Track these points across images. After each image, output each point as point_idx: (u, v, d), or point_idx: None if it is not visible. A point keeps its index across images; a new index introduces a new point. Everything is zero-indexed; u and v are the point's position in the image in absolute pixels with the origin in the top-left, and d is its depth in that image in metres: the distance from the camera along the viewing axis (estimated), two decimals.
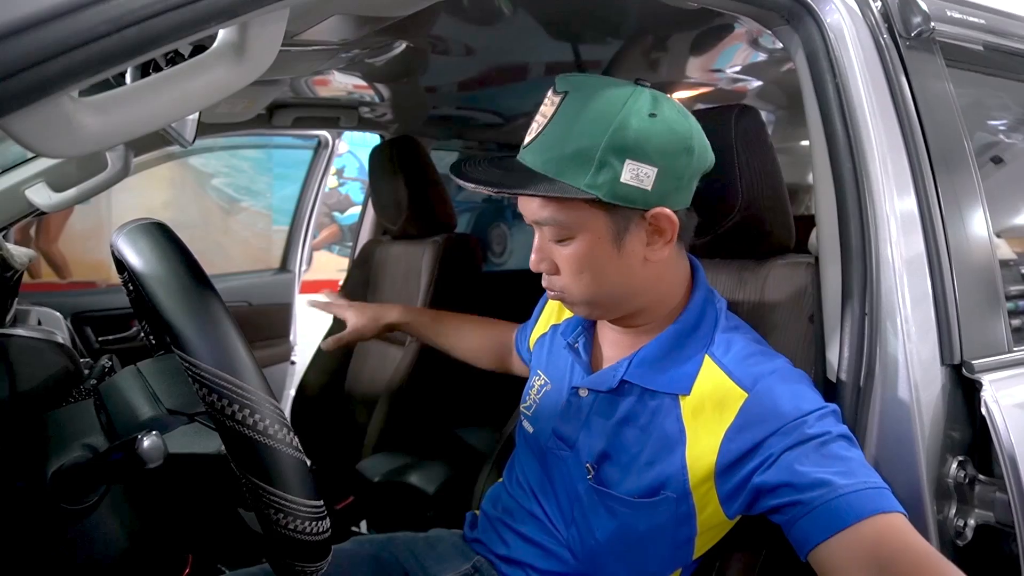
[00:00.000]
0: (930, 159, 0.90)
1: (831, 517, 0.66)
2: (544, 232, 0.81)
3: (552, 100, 0.77)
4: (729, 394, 0.77)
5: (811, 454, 0.70)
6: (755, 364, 0.79)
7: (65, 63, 0.40)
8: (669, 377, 0.83)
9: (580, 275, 0.80)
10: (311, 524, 0.57)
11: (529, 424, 0.98)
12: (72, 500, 0.62)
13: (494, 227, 3.63)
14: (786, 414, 0.73)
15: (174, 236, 0.63)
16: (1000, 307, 0.92)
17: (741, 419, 0.75)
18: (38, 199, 1.41)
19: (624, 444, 0.84)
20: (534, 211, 0.80)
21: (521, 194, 0.77)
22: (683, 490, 0.79)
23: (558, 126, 0.76)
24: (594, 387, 0.88)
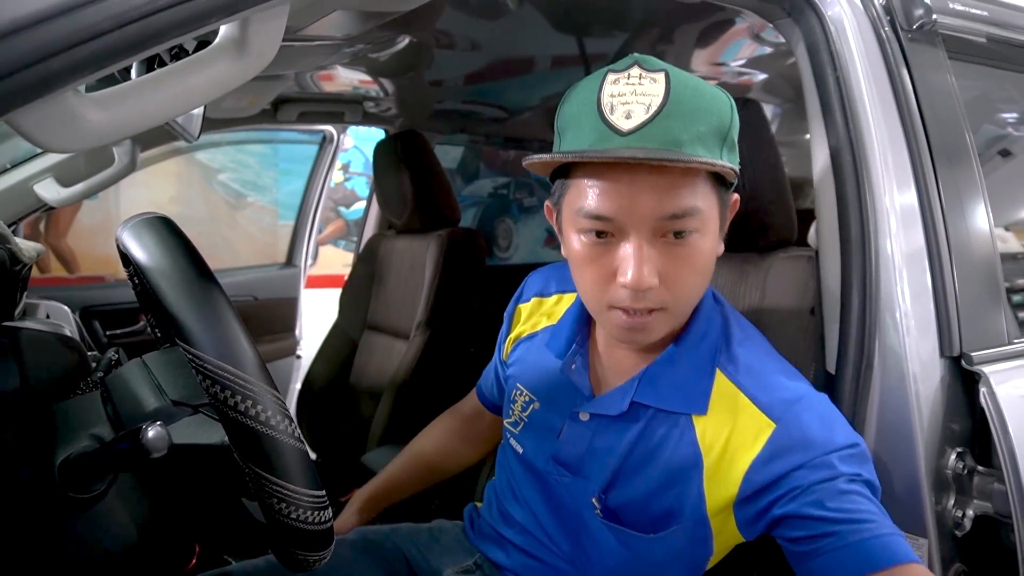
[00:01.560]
0: (931, 152, 0.90)
1: (866, 554, 0.63)
2: (662, 232, 0.69)
3: (652, 77, 0.67)
4: (755, 422, 0.72)
5: (840, 490, 0.66)
6: (780, 388, 0.73)
7: (69, 59, 0.41)
8: (683, 395, 0.76)
9: (690, 278, 0.71)
10: (313, 513, 0.58)
11: (517, 443, 0.90)
12: (79, 489, 0.63)
13: (500, 221, 3.63)
14: (816, 446, 0.69)
15: (177, 230, 0.64)
16: (1000, 299, 0.92)
17: (768, 450, 0.70)
18: (46, 194, 1.43)
19: (634, 473, 0.78)
20: (676, 202, 0.67)
21: (703, 165, 0.65)
22: (700, 516, 0.75)
23: (683, 101, 0.66)
24: (600, 412, 0.81)
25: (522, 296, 0.98)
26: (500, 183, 3.72)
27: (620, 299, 0.70)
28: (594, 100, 0.68)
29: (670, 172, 0.66)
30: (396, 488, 1.10)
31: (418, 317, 1.81)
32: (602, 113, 0.67)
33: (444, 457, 1.13)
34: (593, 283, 0.73)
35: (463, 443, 1.13)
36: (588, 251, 0.71)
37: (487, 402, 1.09)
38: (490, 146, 3.27)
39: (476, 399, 1.12)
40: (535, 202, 3.77)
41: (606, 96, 0.67)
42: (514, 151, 3.61)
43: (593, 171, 0.69)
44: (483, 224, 3.52)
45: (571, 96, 0.72)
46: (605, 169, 0.68)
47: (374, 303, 1.99)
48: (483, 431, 1.12)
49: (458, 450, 1.13)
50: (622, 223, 0.68)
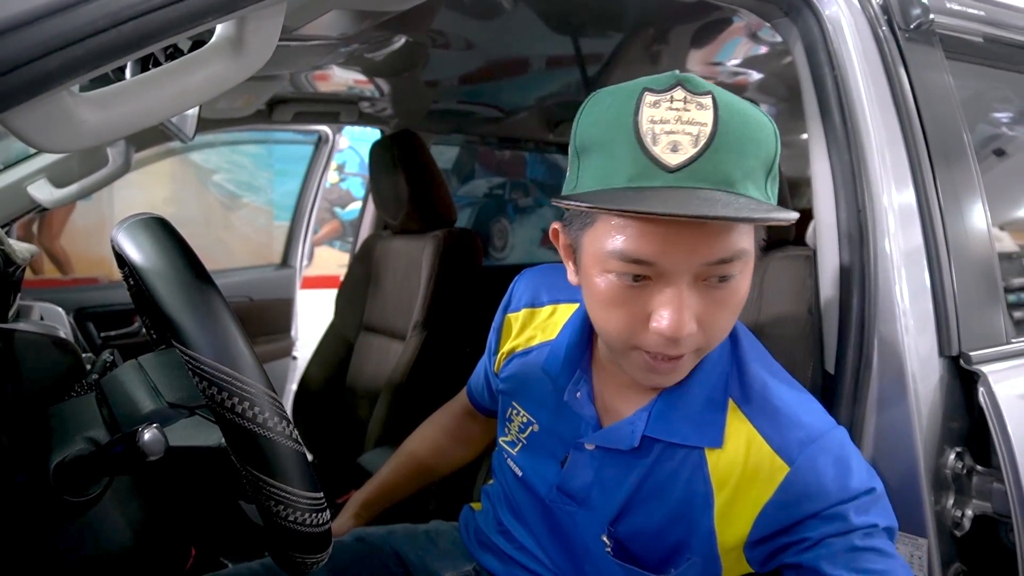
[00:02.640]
0: (929, 152, 0.90)
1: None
2: (704, 277, 0.62)
3: (698, 101, 0.59)
4: (768, 464, 0.68)
5: (855, 547, 0.63)
6: (795, 427, 0.69)
7: (64, 58, 0.40)
8: (696, 428, 0.71)
9: (728, 320, 0.66)
10: (311, 516, 0.58)
11: (516, 466, 0.86)
12: (75, 492, 0.63)
13: (496, 222, 3.63)
14: (831, 496, 0.65)
15: (173, 230, 0.64)
16: (998, 299, 0.92)
17: (781, 495, 0.67)
18: (40, 195, 1.42)
19: (644, 505, 0.74)
20: (725, 247, 0.61)
21: (771, 220, 0.59)
22: (711, 555, 0.72)
23: (732, 131, 0.59)
24: (608, 445, 0.75)
25: (510, 305, 0.92)
26: (495, 183, 3.72)
27: (652, 345, 0.64)
28: (630, 124, 0.59)
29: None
30: (391, 491, 1.09)
31: (415, 318, 1.80)
32: (642, 142, 0.59)
33: (437, 457, 1.10)
34: (621, 326, 0.65)
35: (456, 443, 1.11)
36: (620, 293, 0.64)
37: (478, 405, 1.05)
38: (486, 146, 3.27)
39: (467, 400, 1.08)
40: (530, 202, 3.76)
41: (645, 121, 0.59)
42: (510, 151, 3.61)
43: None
44: (478, 224, 3.52)
45: (597, 112, 0.64)
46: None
47: (370, 304, 1.98)
48: (475, 431, 1.11)
49: (451, 450, 1.11)
50: (663, 268, 0.61)
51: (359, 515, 1.05)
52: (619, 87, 0.63)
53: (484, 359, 1.00)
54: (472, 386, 1.06)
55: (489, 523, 0.93)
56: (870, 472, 0.68)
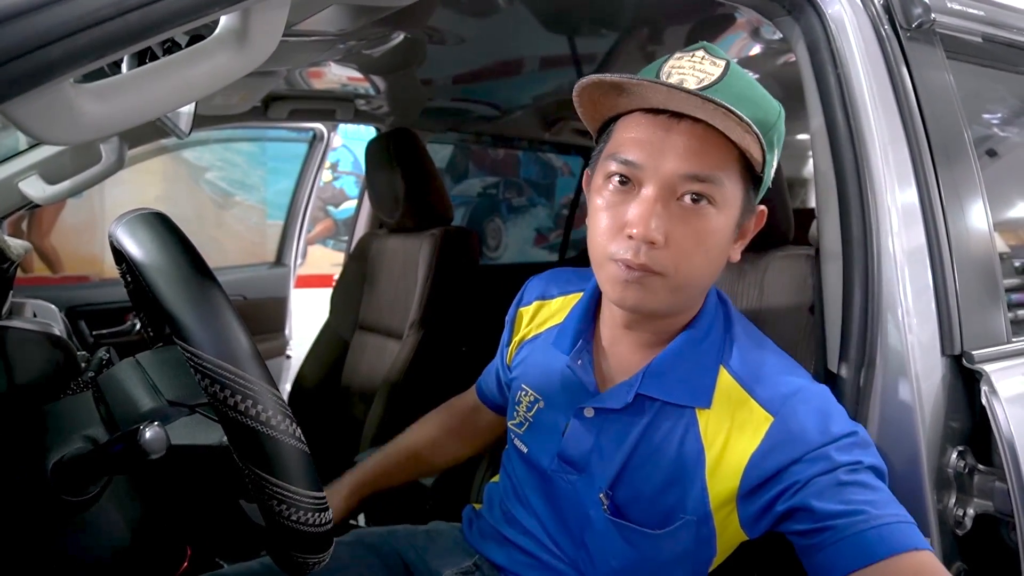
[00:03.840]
0: (931, 151, 0.90)
1: (864, 547, 0.63)
2: (679, 194, 0.70)
3: (713, 60, 0.71)
4: (753, 416, 0.73)
5: (840, 481, 0.67)
6: (778, 383, 0.75)
7: (67, 47, 0.39)
8: (688, 388, 0.77)
9: (696, 252, 0.71)
10: (313, 515, 0.57)
11: (522, 443, 0.90)
12: (73, 492, 0.62)
13: (489, 221, 3.63)
14: (813, 440, 0.69)
15: (174, 226, 0.63)
16: (1000, 298, 0.92)
17: (767, 444, 0.71)
18: (32, 191, 1.40)
19: (640, 468, 0.78)
20: (702, 164, 0.69)
21: (743, 122, 0.64)
22: (703, 512, 0.75)
23: (735, 86, 0.69)
24: (605, 405, 0.81)
25: (523, 300, 0.99)
26: (489, 183, 3.71)
27: (622, 251, 0.71)
28: (655, 70, 0.72)
29: (704, 137, 0.69)
30: (384, 476, 1.08)
31: (411, 317, 1.79)
32: (659, 77, 0.71)
33: (434, 451, 1.11)
34: (603, 231, 0.74)
35: (455, 439, 1.12)
36: (608, 198, 0.74)
37: (485, 399, 1.09)
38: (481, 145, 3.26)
39: (475, 396, 1.11)
40: (524, 202, 3.76)
41: (667, 67, 0.72)
42: (503, 150, 3.60)
43: (636, 120, 0.73)
44: (472, 224, 3.51)
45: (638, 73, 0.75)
46: (648, 119, 0.71)
47: (366, 303, 1.97)
48: (478, 428, 1.12)
49: (448, 445, 1.12)
50: (646, 172, 0.70)
51: (351, 496, 1.05)
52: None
53: (497, 359, 1.05)
54: (482, 381, 1.10)
55: (495, 515, 0.95)
56: (852, 421, 0.73)
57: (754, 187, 0.75)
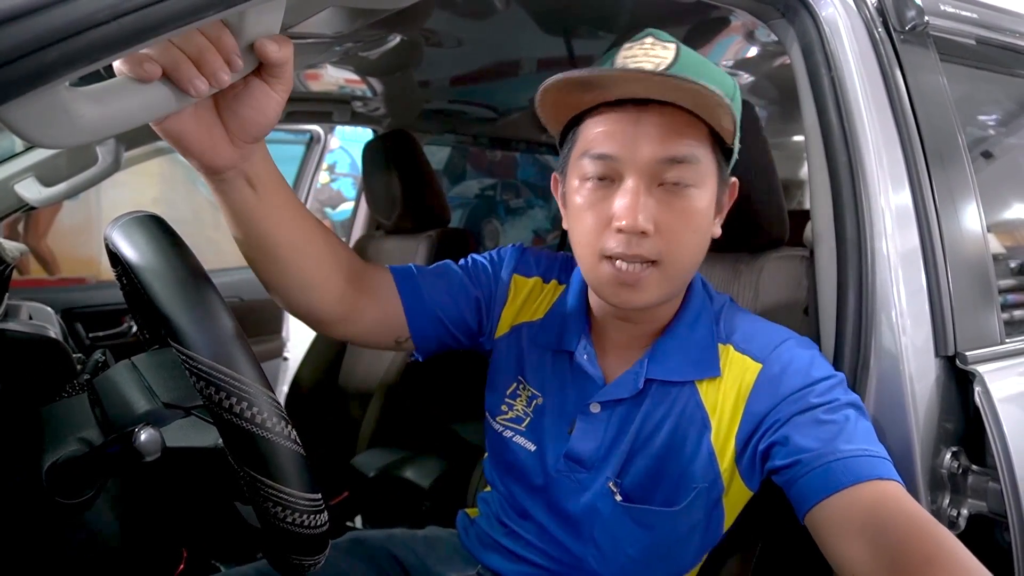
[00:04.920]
0: (924, 153, 0.91)
1: (828, 478, 0.66)
2: (659, 180, 0.71)
3: (663, 45, 0.72)
4: (745, 368, 0.77)
5: (816, 419, 0.70)
6: (765, 337, 0.78)
7: (63, 50, 0.40)
8: (694, 364, 0.79)
9: (685, 234, 0.72)
10: (309, 517, 0.57)
11: (528, 440, 0.86)
12: (68, 494, 0.62)
13: (487, 222, 3.63)
14: (796, 382, 0.73)
15: (169, 228, 0.63)
16: (993, 300, 0.93)
17: (756, 390, 0.75)
18: (28, 194, 1.40)
19: (650, 451, 0.79)
20: (677, 147, 0.70)
21: (704, 88, 0.65)
22: (713, 476, 0.78)
23: (691, 66, 0.70)
24: (615, 396, 0.81)
25: (518, 266, 0.92)
26: (486, 184, 3.72)
27: (614, 246, 0.71)
28: (608, 63, 0.73)
29: (674, 119, 0.70)
30: (279, 193, 0.71)
31: None
32: (613, 68, 0.71)
33: (314, 251, 0.76)
34: (589, 230, 0.73)
35: (327, 264, 0.77)
36: (588, 197, 0.73)
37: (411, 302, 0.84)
38: (478, 147, 3.26)
39: (388, 275, 0.85)
40: (521, 203, 3.76)
41: (619, 59, 0.72)
42: (500, 152, 3.61)
43: (603, 115, 0.72)
44: (469, 225, 3.52)
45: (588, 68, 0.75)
46: (615, 113, 0.71)
47: None
48: (361, 301, 0.81)
49: (316, 259, 0.76)
50: (623, 163, 0.70)
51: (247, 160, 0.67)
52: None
53: (460, 272, 0.89)
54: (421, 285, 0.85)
55: (493, 526, 0.93)
56: (827, 364, 0.77)
57: (725, 160, 0.76)
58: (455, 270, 0.90)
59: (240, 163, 0.65)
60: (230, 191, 0.67)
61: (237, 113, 0.61)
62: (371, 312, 0.82)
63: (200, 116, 0.60)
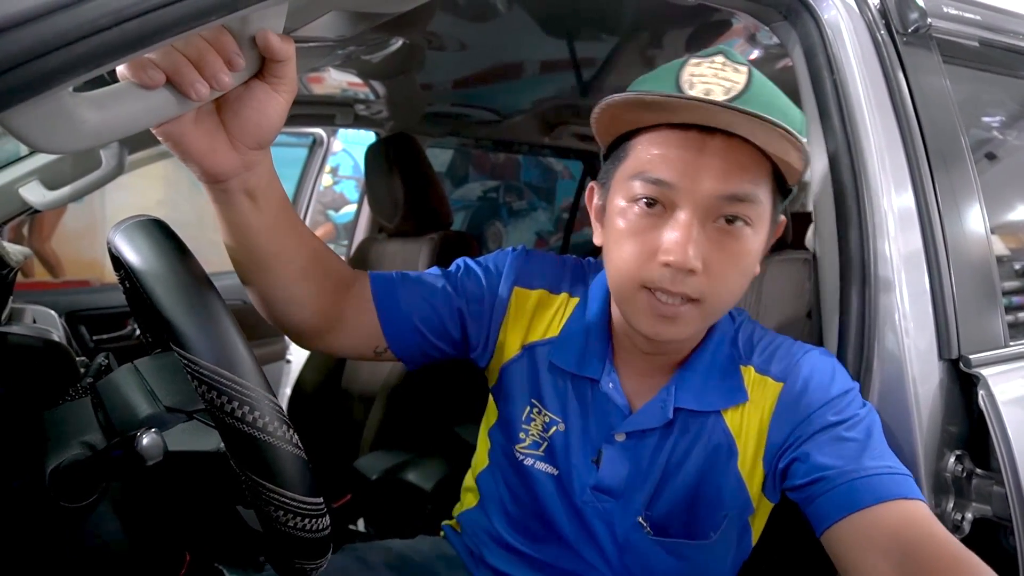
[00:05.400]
0: (927, 155, 0.90)
1: (851, 496, 0.64)
2: (715, 216, 0.67)
3: (735, 67, 0.66)
4: (767, 389, 0.76)
5: (838, 436, 0.69)
6: (784, 355, 0.77)
7: (65, 56, 0.40)
8: (721, 392, 0.77)
9: (732, 275, 0.69)
10: (311, 521, 0.57)
11: (549, 465, 0.82)
12: (71, 498, 0.62)
13: (489, 225, 3.64)
14: (817, 399, 0.72)
15: (172, 233, 0.63)
16: (997, 302, 0.93)
17: (778, 410, 0.74)
18: (32, 197, 1.40)
19: (680, 482, 0.77)
20: (741, 184, 0.66)
21: (792, 136, 0.61)
22: (743, 501, 0.76)
23: (762, 94, 0.66)
24: (643, 427, 0.78)
25: (519, 279, 0.84)
26: (489, 186, 3.72)
27: (657, 279, 0.67)
28: (672, 78, 0.67)
29: (740, 153, 0.65)
30: (278, 209, 0.69)
31: None
32: (680, 88, 0.65)
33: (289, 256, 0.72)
34: (631, 258, 0.68)
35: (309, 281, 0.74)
36: (634, 222, 0.69)
37: (391, 316, 0.80)
38: (481, 149, 3.27)
39: (367, 285, 0.81)
40: (524, 205, 3.77)
41: (686, 75, 0.66)
42: (503, 154, 3.61)
43: (663, 136, 0.67)
44: (472, 228, 3.52)
45: (644, 79, 0.71)
46: (676, 136, 0.66)
47: None
48: (344, 306, 0.79)
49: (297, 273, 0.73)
50: (680, 193, 0.66)
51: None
52: (667, 63, 0.71)
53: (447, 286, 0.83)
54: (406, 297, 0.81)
55: (499, 556, 0.87)
56: (850, 379, 0.76)
57: (782, 198, 0.73)
58: (438, 278, 0.84)
59: (242, 172, 0.63)
60: (229, 203, 0.65)
61: (240, 116, 0.59)
62: (349, 322, 0.79)
63: (201, 120, 0.58)
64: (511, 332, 0.84)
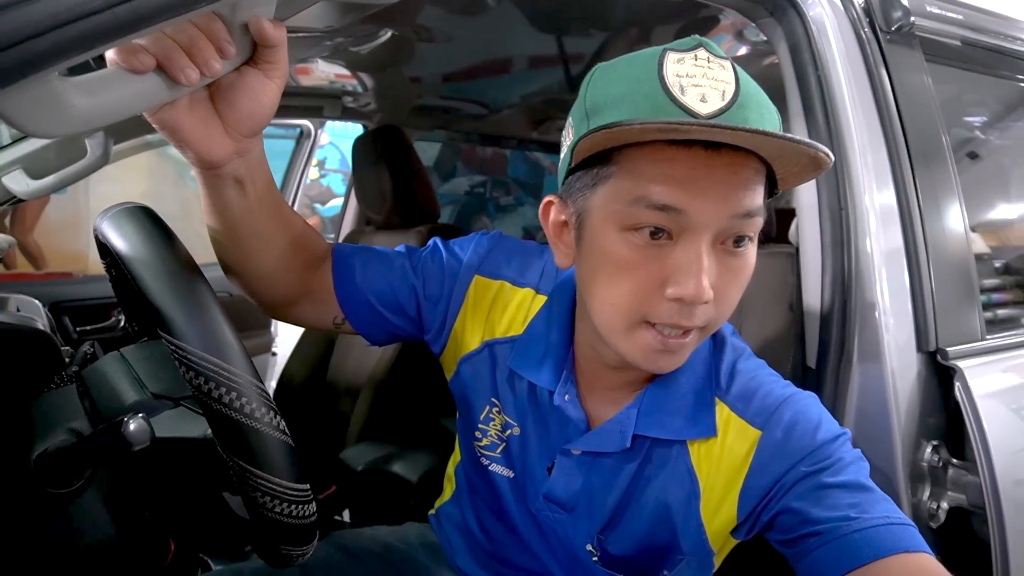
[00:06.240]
0: (909, 153, 0.92)
1: (848, 551, 0.59)
2: (723, 238, 0.61)
3: (720, 63, 0.59)
4: (743, 435, 0.68)
5: (827, 485, 0.62)
6: (764, 396, 0.69)
7: (56, 39, 0.40)
8: (686, 421, 0.70)
9: (736, 294, 0.64)
10: (297, 507, 0.58)
11: (504, 468, 0.81)
12: (57, 484, 0.62)
13: (476, 219, 3.64)
14: (802, 447, 0.64)
15: (159, 220, 0.63)
16: (975, 298, 0.95)
17: (758, 459, 0.66)
18: (15, 186, 1.39)
19: (630, 511, 0.73)
20: (751, 200, 0.59)
21: (817, 150, 0.55)
22: (702, 549, 0.71)
23: (752, 94, 0.59)
24: (597, 449, 0.73)
25: (482, 266, 0.81)
26: (477, 181, 3.72)
27: (666, 315, 0.60)
28: (655, 78, 0.58)
29: (746, 168, 0.59)
30: (266, 196, 0.70)
31: None
32: (670, 92, 0.57)
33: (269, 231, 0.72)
34: (631, 294, 0.61)
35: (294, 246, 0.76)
36: (636, 254, 0.60)
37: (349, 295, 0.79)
38: (469, 143, 3.26)
39: (328, 260, 0.80)
40: (511, 200, 3.77)
41: (671, 75, 0.57)
42: (491, 149, 3.61)
43: (665, 154, 0.58)
44: (459, 222, 3.52)
45: (613, 73, 0.62)
46: (680, 153, 0.57)
47: None
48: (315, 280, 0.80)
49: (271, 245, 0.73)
50: (692, 218, 0.58)
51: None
52: (634, 54, 0.61)
53: (406, 265, 0.81)
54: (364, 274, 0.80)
55: (478, 550, 0.88)
56: (836, 425, 0.67)
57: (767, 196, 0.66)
58: (401, 255, 0.82)
59: (236, 158, 0.63)
60: (220, 188, 0.65)
61: (233, 104, 0.59)
62: (313, 293, 0.79)
63: (195, 107, 0.58)
64: (469, 323, 0.81)
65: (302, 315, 0.81)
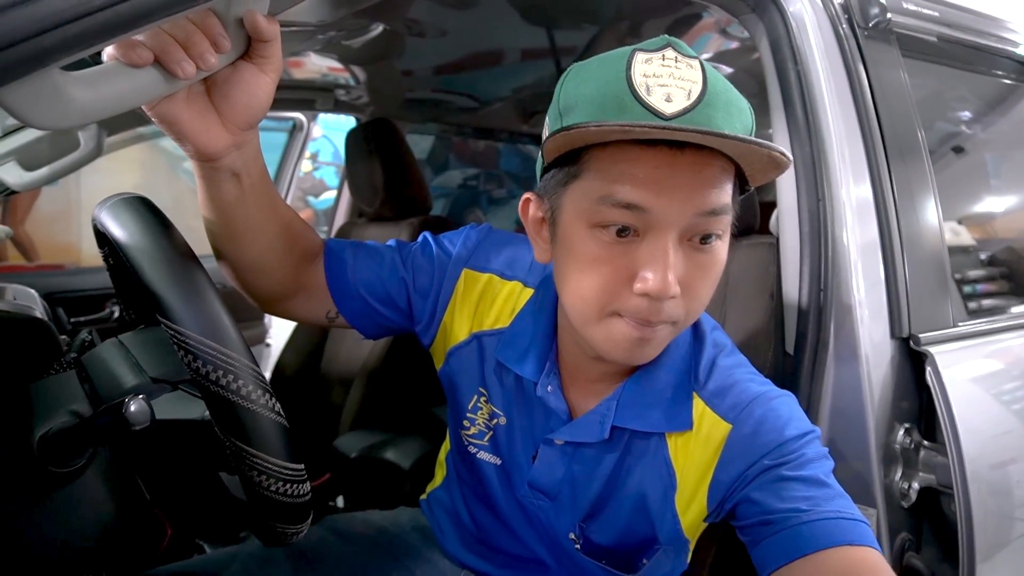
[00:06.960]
0: (885, 147, 0.94)
1: (795, 541, 0.61)
2: (689, 235, 0.62)
3: (688, 62, 0.59)
4: (714, 428, 0.70)
5: (786, 478, 0.64)
6: (738, 392, 0.71)
7: (60, 36, 0.42)
8: (665, 414, 0.72)
9: (707, 290, 0.65)
10: (292, 487, 0.59)
11: (492, 455, 0.83)
12: (59, 463, 0.64)
13: (469, 212, 3.65)
14: (767, 442, 0.66)
15: (156, 209, 0.65)
16: (947, 286, 0.97)
17: (726, 453, 0.69)
18: (9, 178, 1.40)
19: (612, 501, 0.75)
20: (717, 197, 0.60)
21: (771, 150, 0.56)
22: (676, 536, 0.73)
23: (720, 93, 0.59)
24: (579, 440, 0.75)
25: (471, 259, 0.83)
26: (469, 174, 3.73)
27: (633, 308, 0.62)
28: (623, 78, 0.59)
29: (711, 167, 0.60)
30: (262, 189, 0.72)
31: None
32: (635, 93, 0.58)
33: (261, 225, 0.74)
34: (601, 288, 0.63)
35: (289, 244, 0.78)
36: (604, 250, 0.62)
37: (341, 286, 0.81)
38: (461, 136, 3.27)
39: (321, 256, 0.82)
40: (504, 193, 3.78)
41: (638, 75, 0.59)
42: (484, 143, 3.62)
43: (629, 154, 0.59)
44: (452, 215, 3.53)
45: (585, 73, 0.63)
46: (646, 154, 0.59)
47: None
48: (309, 274, 0.81)
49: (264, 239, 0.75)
50: (656, 216, 0.59)
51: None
52: (607, 53, 0.63)
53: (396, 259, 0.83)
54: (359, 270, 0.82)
55: (466, 535, 0.90)
56: (807, 423, 0.69)
57: (739, 194, 0.67)
58: (392, 249, 0.84)
59: (233, 151, 0.65)
60: (216, 180, 0.67)
61: (229, 97, 0.61)
62: (307, 288, 0.81)
63: (192, 102, 0.60)
64: (458, 315, 0.83)
65: (297, 310, 0.83)
